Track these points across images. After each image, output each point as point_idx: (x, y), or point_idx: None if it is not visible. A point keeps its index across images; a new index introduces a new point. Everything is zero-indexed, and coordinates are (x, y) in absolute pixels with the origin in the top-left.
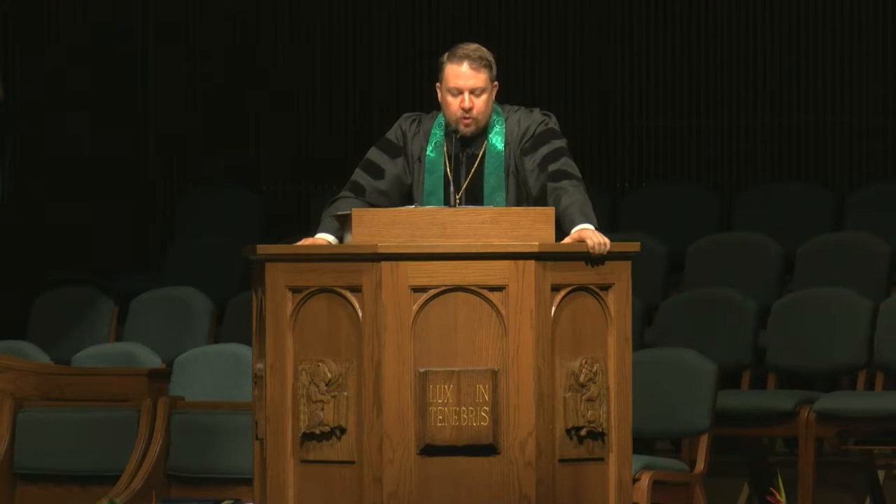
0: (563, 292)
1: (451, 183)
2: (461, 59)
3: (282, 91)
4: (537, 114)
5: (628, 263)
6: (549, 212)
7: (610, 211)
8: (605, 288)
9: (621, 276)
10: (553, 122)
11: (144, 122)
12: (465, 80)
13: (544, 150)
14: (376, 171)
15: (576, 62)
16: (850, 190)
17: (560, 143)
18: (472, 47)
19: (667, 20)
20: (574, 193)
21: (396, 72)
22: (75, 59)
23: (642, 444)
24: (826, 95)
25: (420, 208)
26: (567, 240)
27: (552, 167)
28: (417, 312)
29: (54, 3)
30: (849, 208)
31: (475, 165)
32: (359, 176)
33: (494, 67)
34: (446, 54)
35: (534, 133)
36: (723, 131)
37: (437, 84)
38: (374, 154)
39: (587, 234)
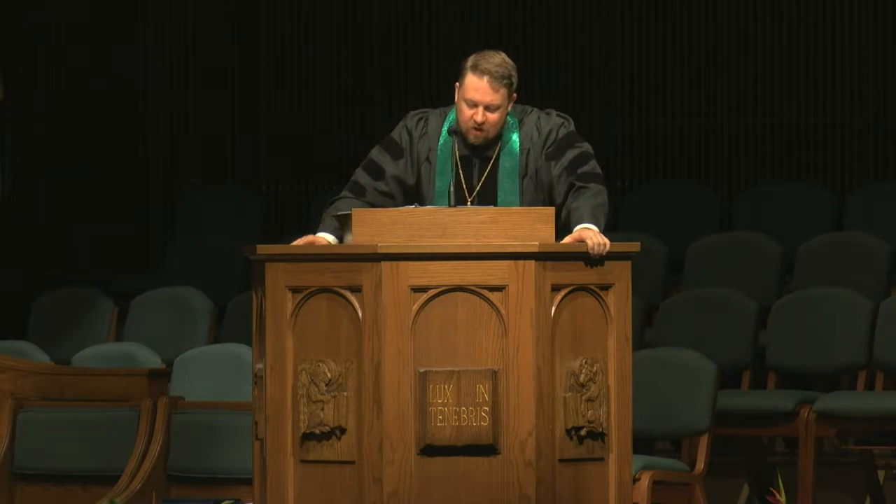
0: (563, 292)
1: (464, 185)
2: (483, 73)
3: (282, 91)
4: (555, 116)
5: (628, 263)
6: (549, 212)
7: (610, 211)
8: (605, 288)
9: (621, 276)
10: (572, 125)
11: (144, 121)
12: (483, 96)
13: (570, 154)
14: (377, 172)
15: (576, 62)
16: (850, 190)
17: (585, 146)
18: (497, 61)
19: (667, 20)
20: (595, 196)
21: (396, 72)
22: (74, 58)
23: (642, 444)
24: (826, 95)
25: (420, 208)
26: (568, 238)
27: (581, 170)
28: (417, 312)
29: (52, 4)
30: (848, 208)
31: (489, 168)
32: (359, 175)
33: (515, 81)
34: (471, 60)
35: (556, 137)
36: (723, 131)
37: (456, 84)
38: (375, 153)
39: (588, 234)
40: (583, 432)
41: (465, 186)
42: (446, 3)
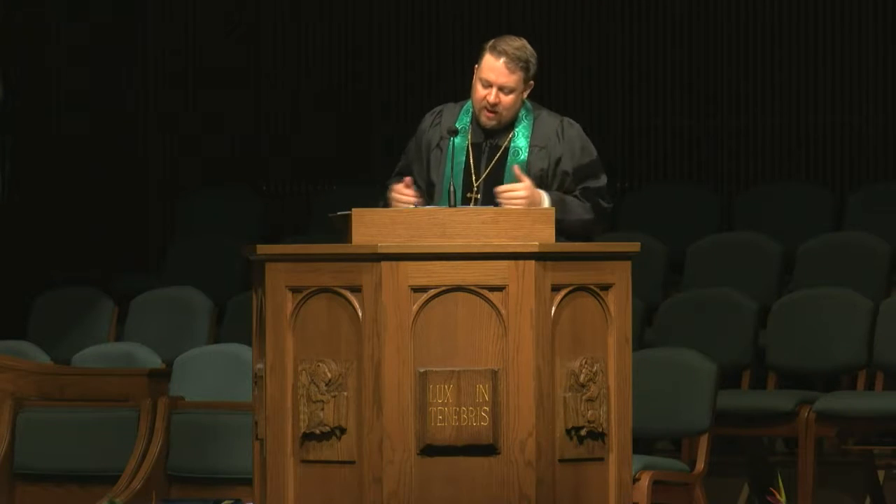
0: (563, 292)
1: (472, 170)
2: (500, 54)
3: (282, 91)
4: (579, 129)
5: (628, 263)
6: (549, 212)
7: (601, 232)
8: (605, 288)
9: (621, 276)
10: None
11: (144, 121)
12: (497, 76)
13: (594, 183)
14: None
15: (575, 62)
16: (850, 190)
17: (605, 178)
18: (516, 45)
19: (667, 20)
20: (588, 209)
21: (397, 73)
22: (75, 58)
23: (642, 444)
24: (826, 95)
25: (420, 208)
26: (517, 171)
27: (597, 199)
28: (417, 312)
29: (55, 3)
30: (849, 208)
31: (497, 156)
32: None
33: (533, 68)
34: (491, 42)
35: (588, 158)
36: (723, 131)
37: (475, 66)
38: (401, 162)
39: (527, 186)
40: (583, 432)
41: (472, 171)
42: (446, 2)
